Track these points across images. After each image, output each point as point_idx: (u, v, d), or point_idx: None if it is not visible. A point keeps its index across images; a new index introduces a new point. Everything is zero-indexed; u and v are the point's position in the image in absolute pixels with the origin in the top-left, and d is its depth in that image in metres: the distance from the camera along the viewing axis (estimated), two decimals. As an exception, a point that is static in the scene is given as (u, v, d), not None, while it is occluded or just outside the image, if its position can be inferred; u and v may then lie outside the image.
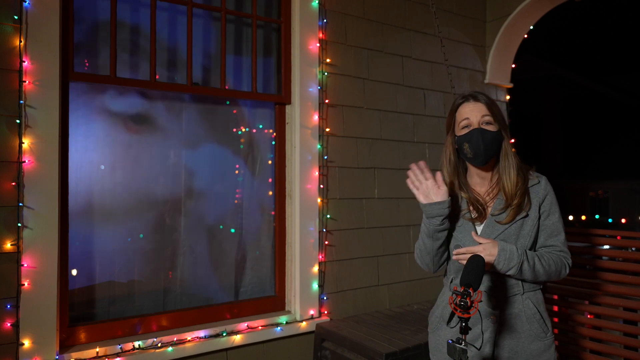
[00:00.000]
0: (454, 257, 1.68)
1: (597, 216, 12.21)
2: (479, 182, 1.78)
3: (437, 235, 1.71)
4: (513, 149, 1.77)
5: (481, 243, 1.62)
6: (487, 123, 1.69)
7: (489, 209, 1.73)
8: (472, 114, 1.70)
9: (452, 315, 1.73)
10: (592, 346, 2.71)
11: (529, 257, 1.62)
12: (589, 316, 2.78)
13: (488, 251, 1.58)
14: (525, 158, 1.84)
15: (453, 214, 1.74)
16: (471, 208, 1.74)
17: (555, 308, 2.87)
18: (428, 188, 1.70)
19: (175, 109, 2.79)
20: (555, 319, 2.86)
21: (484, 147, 1.67)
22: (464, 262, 1.57)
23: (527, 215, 1.68)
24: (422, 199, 1.71)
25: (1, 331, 2.12)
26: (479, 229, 1.73)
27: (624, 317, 2.65)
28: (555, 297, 2.87)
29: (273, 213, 3.03)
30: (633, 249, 2.84)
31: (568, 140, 14.53)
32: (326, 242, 3.02)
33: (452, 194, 1.75)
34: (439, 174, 1.71)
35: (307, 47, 2.98)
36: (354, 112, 3.17)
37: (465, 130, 1.71)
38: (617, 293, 2.66)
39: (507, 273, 1.61)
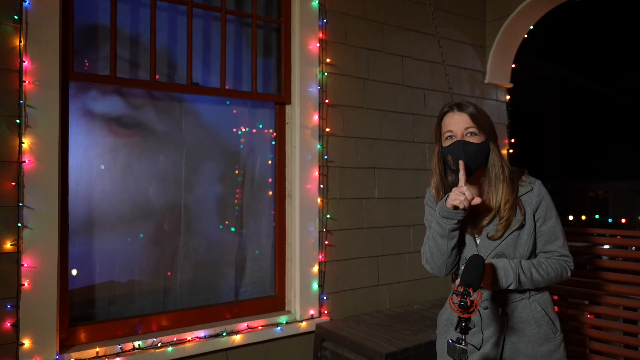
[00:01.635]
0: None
1: (597, 216, 12.20)
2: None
3: (452, 235, 1.67)
4: (505, 150, 1.74)
5: None
6: (472, 134, 1.65)
7: (484, 223, 1.70)
8: (456, 126, 1.66)
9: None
10: (593, 346, 2.71)
11: (525, 269, 1.62)
12: (589, 316, 2.78)
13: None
14: (525, 158, 1.82)
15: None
16: (469, 214, 1.71)
17: (556, 308, 2.87)
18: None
19: (175, 108, 2.79)
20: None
21: (466, 159, 1.63)
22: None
23: (522, 226, 1.65)
24: (449, 201, 1.61)
25: (1, 331, 2.12)
26: (477, 241, 1.72)
27: (624, 316, 2.65)
28: (556, 297, 2.87)
29: (273, 213, 3.03)
30: (633, 248, 2.84)
31: (568, 141, 14.52)
32: (326, 242, 3.02)
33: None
34: (477, 199, 1.61)
35: (307, 47, 2.98)
36: (354, 112, 3.17)
37: (449, 142, 1.67)
38: (617, 292, 2.66)
39: (509, 288, 1.62)
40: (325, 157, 3.04)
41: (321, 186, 3.01)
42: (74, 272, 2.45)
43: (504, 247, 1.66)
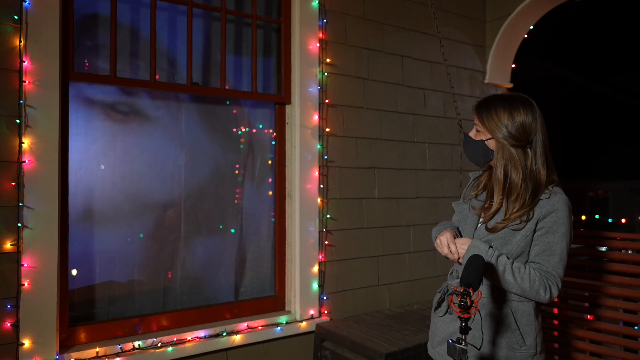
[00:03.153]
0: (435, 244, 1.75)
1: (597, 216, 12.19)
2: None
3: None
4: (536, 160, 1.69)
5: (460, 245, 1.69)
6: (478, 131, 1.74)
7: (491, 210, 1.72)
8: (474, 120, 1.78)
9: (439, 303, 1.79)
10: (592, 348, 2.70)
11: (500, 263, 1.59)
12: (588, 317, 2.78)
13: (460, 244, 1.66)
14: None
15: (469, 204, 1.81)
16: (487, 199, 1.77)
17: (555, 310, 2.87)
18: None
19: (175, 109, 2.79)
20: (555, 322, 2.86)
21: (465, 153, 1.80)
22: (447, 253, 1.68)
23: (520, 228, 1.63)
24: (436, 243, 1.77)
25: (1, 331, 2.12)
26: (479, 222, 1.75)
27: (623, 319, 2.64)
28: (556, 299, 2.87)
29: (273, 213, 3.03)
30: (631, 251, 2.84)
31: (568, 141, 14.52)
32: (326, 242, 3.02)
33: (482, 183, 1.82)
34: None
35: (307, 47, 2.98)
36: (354, 112, 3.17)
37: None
38: (617, 295, 2.65)
39: None
40: (325, 157, 3.04)
41: (321, 186, 3.01)
42: (74, 272, 2.45)
43: (494, 236, 1.67)
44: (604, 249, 2.87)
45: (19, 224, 2.15)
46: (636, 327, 2.62)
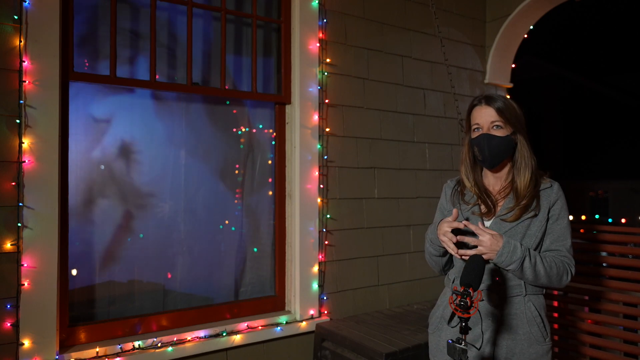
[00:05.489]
0: (458, 254, 1.63)
1: (597, 216, 12.19)
2: (493, 182, 1.81)
3: (446, 253, 1.77)
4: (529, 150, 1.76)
5: (489, 233, 1.61)
6: (497, 127, 1.71)
7: (499, 208, 1.75)
8: (482, 119, 1.73)
9: (452, 314, 1.73)
10: (592, 341, 2.72)
11: (532, 255, 1.63)
12: (586, 310, 2.80)
13: (495, 240, 1.59)
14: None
15: (461, 211, 1.79)
16: (480, 202, 1.76)
17: (555, 303, 2.88)
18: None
19: (175, 108, 2.79)
20: (555, 314, 2.88)
21: (489, 152, 1.71)
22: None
23: (535, 216, 1.69)
24: (439, 234, 1.68)
25: (1, 331, 2.12)
26: (487, 224, 1.74)
27: (624, 312, 2.66)
28: (555, 292, 2.89)
29: (273, 212, 3.03)
30: (632, 244, 2.85)
31: (568, 140, 14.51)
32: (326, 242, 3.02)
33: (465, 189, 1.81)
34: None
35: (307, 47, 2.98)
36: (354, 112, 3.17)
37: (476, 134, 1.76)
38: (617, 288, 2.67)
39: (508, 268, 1.62)
40: (325, 157, 3.04)
41: (321, 186, 3.01)
42: (74, 272, 2.45)
43: (513, 233, 1.68)
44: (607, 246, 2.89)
45: (19, 224, 2.15)
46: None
